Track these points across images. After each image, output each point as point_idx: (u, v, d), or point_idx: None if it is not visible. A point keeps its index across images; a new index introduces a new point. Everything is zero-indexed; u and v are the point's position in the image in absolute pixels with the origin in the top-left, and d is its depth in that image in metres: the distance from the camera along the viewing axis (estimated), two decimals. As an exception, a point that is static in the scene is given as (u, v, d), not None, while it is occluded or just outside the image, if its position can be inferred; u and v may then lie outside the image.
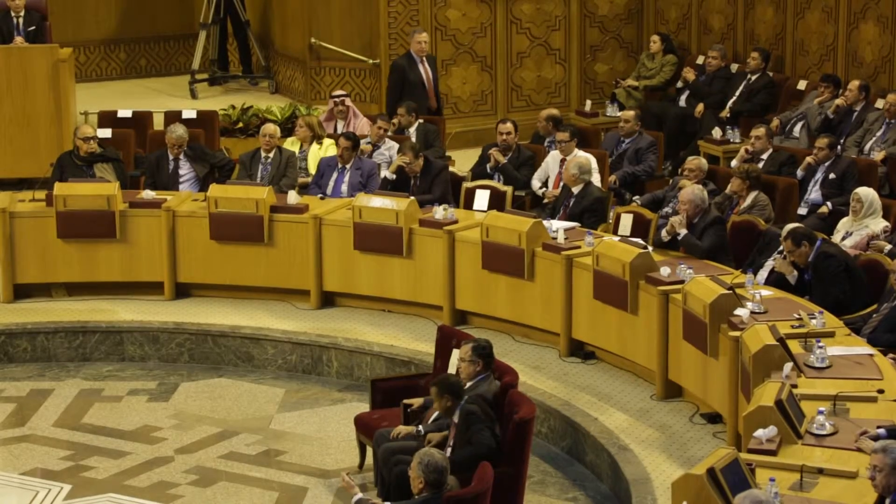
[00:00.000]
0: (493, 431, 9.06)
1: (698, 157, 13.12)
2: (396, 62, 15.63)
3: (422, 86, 15.39)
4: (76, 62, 17.23)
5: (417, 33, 15.55)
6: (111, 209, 12.61)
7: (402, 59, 15.59)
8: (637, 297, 10.97)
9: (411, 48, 15.51)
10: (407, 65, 15.41)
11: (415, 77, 15.37)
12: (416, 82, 15.37)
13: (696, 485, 7.49)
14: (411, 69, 15.38)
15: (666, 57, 16.52)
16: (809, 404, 8.60)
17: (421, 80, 15.39)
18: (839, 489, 7.70)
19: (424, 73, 15.42)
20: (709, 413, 10.42)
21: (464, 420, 9.07)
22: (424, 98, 15.34)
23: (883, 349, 9.69)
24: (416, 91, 15.29)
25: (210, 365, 12.17)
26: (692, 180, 12.49)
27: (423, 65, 15.43)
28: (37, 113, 14.85)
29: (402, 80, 15.37)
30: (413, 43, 15.50)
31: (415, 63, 15.41)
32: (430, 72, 15.47)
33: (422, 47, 15.42)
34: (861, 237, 11.54)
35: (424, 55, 15.46)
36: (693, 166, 12.76)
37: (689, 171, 12.73)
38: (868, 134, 13.85)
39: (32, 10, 15.75)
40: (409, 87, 15.33)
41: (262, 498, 9.95)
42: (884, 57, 14.79)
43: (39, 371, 12.06)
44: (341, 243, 12.52)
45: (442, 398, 9.15)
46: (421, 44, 15.42)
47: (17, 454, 10.60)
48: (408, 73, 15.36)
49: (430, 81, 15.46)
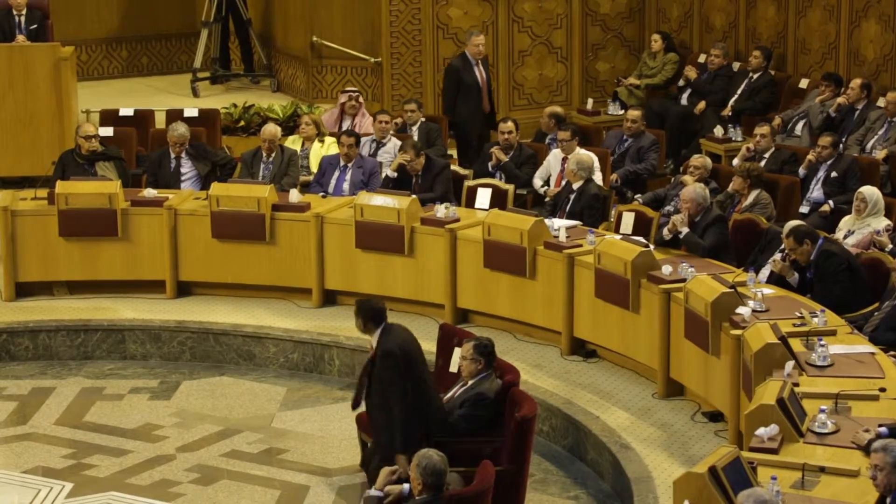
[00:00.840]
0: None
1: (703, 156, 13.12)
2: (452, 64, 15.40)
3: (476, 88, 15.19)
4: (78, 60, 17.24)
5: (475, 35, 15.26)
6: (113, 207, 12.61)
7: (457, 60, 15.34)
8: (639, 296, 10.96)
9: (467, 50, 15.25)
10: (462, 67, 15.17)
11: (470, 79, 15.15)
12: (471, 84, 15.15)
13: (697, 483, 7.48)
14: (466, 71, 15.15)
15: (667, 55, 16.51)
16: (811, 403, 8.59)
17: (476, 83, 15.18)
18: (841, 488, 7.69)
19: (479, 76, 15.21)
20: (710, 411, 10.41)
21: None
22: (479, 101, 15.19)
23: (884, 347, 9.69)
24: (470, 93, 15.12)
25: (212, 363, 12.17)
26: (696, 178, 12.51)
27: (478, 67, 15.21)
28: (39, 111, 14.85)
29: (458, 82, 15.17)
30: (469, 45, 15.23)
31: (470, 65, 15.17)
32: (484, 74, 15.27)
33: (479, 50, 15.18)
34: (863, 235, 11.53)
35: (481, 58, 15.23)
36: (698, 164, 12.78)
37: (693, 169, 12.74)
38: (870, 132, 13.85)
39: (34, 9, 15.76)
40: (463, 90, 15.14)
41: (264, 496, 9.95)
42: (885, 55, 14.79)
43: (41, 369, 12.06)
44: (343, 241, 12.52)
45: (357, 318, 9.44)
46: (478, 46, 15.16)
47: (18, 452, 10.61)
48: (463, 75, 15.14)
49: (484, 84, 15.28)
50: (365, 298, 9.90)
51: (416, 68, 16.66)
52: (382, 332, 9.42)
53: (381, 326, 9.43)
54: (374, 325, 9.45)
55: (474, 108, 14.90)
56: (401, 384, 9.27)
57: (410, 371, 9.32)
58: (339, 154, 13.47)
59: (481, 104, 15.23)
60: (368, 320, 9.45)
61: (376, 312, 9.46)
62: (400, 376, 9.27)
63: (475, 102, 15.12)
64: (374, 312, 9.45)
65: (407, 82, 16.64)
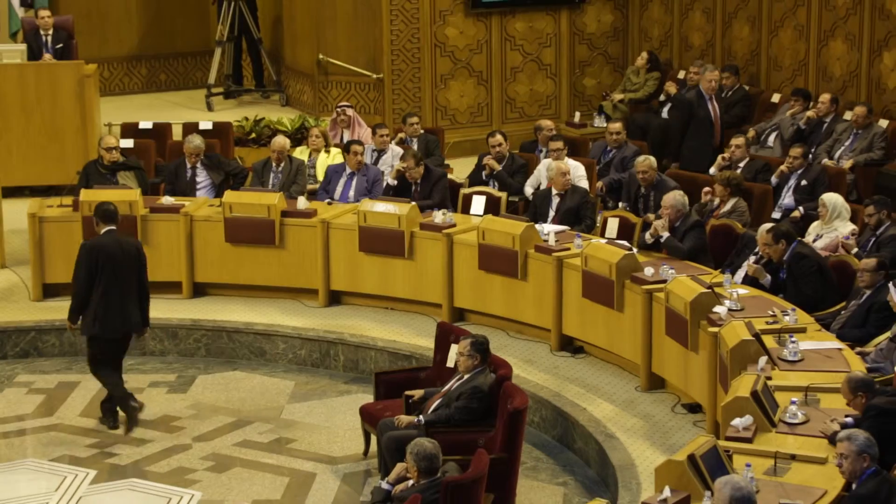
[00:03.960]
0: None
1: (648, 157, 13.09)
2: (684, 97, 14.64)
3: (709, 123, 14.31)
4: (101, 77, 17.23)
5: (709, 71, 14.50)
6: (133, 214, 12.60)
7: (690, 93, 14.60)
8: (623, 296, 10.97)
9: (701, 85, 14.47)
10: (696, 101, 14.37)
11: (703, 113, 14.30)
12: (703, 119, 14.30)
13: (677, 470, 7.50)
14: (700, 105, 14.32)
15: (650, 73, 16.52)
16: (783, 395, 8.61)
17: (709, 117, 14.32)
18: (810, 474, 7.71)
19: (713, 111, 14.36)
20: (689, 403, 10.42)
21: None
22: (710, 135, 14.25)
23: (851, 343, 9.70)
24: (701, 128, 14.28)
25: (225, 359, 12.17)
26: (646, 178, 12.61)
27: (711, 103, 14.36)
28: (64, 125, 14.85)
29: (689, 115, 14.33)
30: (703, 81, 14.45)
31: (704, 100, 14.34)
32: (717, 109, 14.38)
33: (712, 85, 14.34)
34: (831, 239, 11.54)
35: (713, 93, 14.37)
36: (645, 167, 12.77)
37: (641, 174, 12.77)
38: (837, 143, 13.86)
39: (60, 29, 15.78)
40: (695, 124, 14.29)
41: (274, 483, 9.95)
42: (851, 72, 14.80)
43: (67, 365, 12.05)
44: (347, 245, 12.52)
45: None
46: (711, 82, 14.35)
47: (45, 442, 10.61)
48: (696, 109, 14.31)
49: (717, 119, 14.36)
50: (102, 201, 10.96)
51: (415, 84, 16.67)
52: (105, 233, 10.62)
53: (108, 226, 10.59)
54: (103, 222, 10.58)
55: (703, 143, 13.98)
56: (80, 272, 10.49)
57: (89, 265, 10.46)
58: (343, 163, 13.46)
59: (712, 139, 14.22)
60: (97, 216, 10.61)
61: (102, 212, 10.63)
62: (81, 265, 10.48)
63: (706, 137, 14.18)
64: (101, 211, 10.65)
65: (407, 97, 16.65)
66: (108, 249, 10.49)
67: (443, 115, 16.71)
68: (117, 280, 10.49)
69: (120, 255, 10.52)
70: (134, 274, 10.60)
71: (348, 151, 13.41)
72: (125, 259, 10.55)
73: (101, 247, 10.52)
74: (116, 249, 10.53)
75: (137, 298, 10.64)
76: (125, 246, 10.62)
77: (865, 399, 8.10)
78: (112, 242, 10.56)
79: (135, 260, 10.62)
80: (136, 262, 10.63)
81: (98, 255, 10.47)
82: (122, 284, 10.52)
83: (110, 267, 10.48)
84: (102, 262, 10.45)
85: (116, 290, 10.49)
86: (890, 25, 14.39)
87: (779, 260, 10.79)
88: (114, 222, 10.65)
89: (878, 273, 10.14)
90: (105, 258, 10.46)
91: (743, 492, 6.78)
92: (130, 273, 10.58)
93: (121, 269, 10.51)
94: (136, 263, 10.63)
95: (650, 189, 12.73)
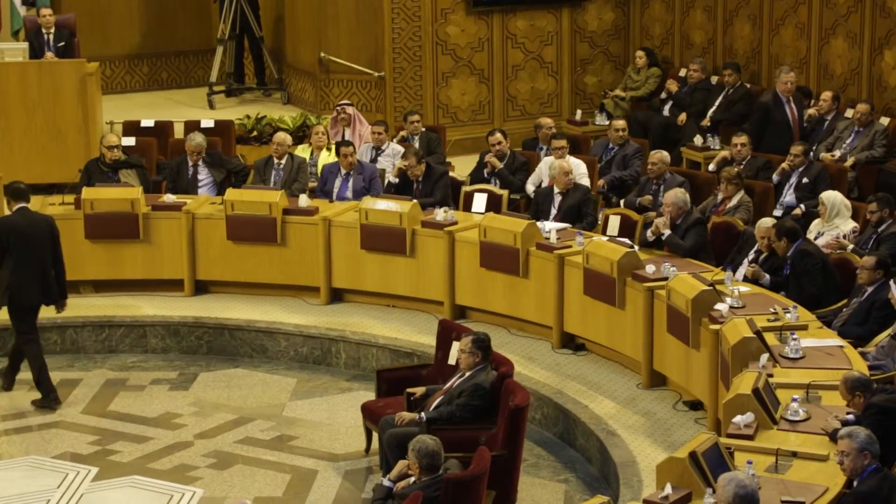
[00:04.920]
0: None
1: (660, 151, 13.13)
2: (761, 101, 14.24)
3: (786, 126, 13.94)
4: (102, 75, 17.21)
5: (784, 73, 14.05)
6: (135, 212, 12.61)
7: (767, 96, 14.21)
8: (624, 293, 10.96)
9: (777, 87, 14.06)
10: (773, 104, 14.01)
11: (780, 117, 13.95)
12: (781, 122, 13.94)
13: (678, 467, 7.49)
14: (777, 109, 13.97)
15: (650, 70, 16.50)
16: (784, 392, 8.60)
17: (786, 120, 13.94)
18: (812, 471, 7.70)
19: (790, 114, 13.97)
20: (691, 401, 10.41)
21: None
22: (788, 139, 13.65)
23: (852, 341, 9.69)
24: (779, 131, 13.89)
25: (227, 356, 12.16)
26: (655, 174, 12.68)
27: (789, 105, 13.98)
28: (66, 123, 14.82)
29: (766, 118, 13.97)
30: (779, 83, 14.02)
31: (781, 103, 13.97)
32: (795, 112, 13.97)
33: (787, 87, 13.94)
34: (832, 237, 11.53)
35: (790, 95, 14.00)
36: (655, 160, 12.81)
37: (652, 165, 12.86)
38: (838, 141, 13.84)
39: (62, 28, 15.75)
40: (773, 127, 13.94)
41: (276, 480, 9.95)
42: (852, 70, 14.78)
43: (69, 362, 12.05)
44: (349, 243, 12.51)
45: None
46: (787, 84, 13.93)
47: (48, 439, 10.60)
48: (773, 112, 13.96)
49: (795, 122, 13.96)
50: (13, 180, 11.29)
51: (416, 82, 16.65)
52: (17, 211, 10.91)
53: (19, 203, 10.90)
54: (14, 200, 10.93)
55: (781, 147, 13.38)
56: None
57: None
58: (338, 162, 13.44)
59: (790, 142, 13.43)
60: (8, 195, 10.96)
61: (13, 190, 10.97)
62: None
63: (784, 140, 13.59)
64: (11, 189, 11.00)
65: (408, 95, 16.63)
66: (17, 226, 10.90)
67: (444, 112, 16.69)
68: (30, 255, 10.89)
69: (30, 231, 10.92)
70: (48, 248, 11.00)
71: (338, 153, 13.39)
72: (36, 234, 10.94)
73: (10, 224, 10.94)
74: (26, 226, 10.91)
75: (54, 272, 11.04)
76: (36, 221, 11.02)
77: (864, 399, 8.09)
78: (22, 219, 10.95)
79: (47, 234, 11.02)
80: (48, 236, 11.02)
81: (8, 232, 10.87)
82: (34, 259, 10.91)
83: (21, 242, 10.86)
84: (14, 239, 10.85)
85: (28, 265, 10.88)
86: (891, 23, 14.36)
87: (782, 255, 10.78)
88: (25, 199, 11.05)
89: (877, 271, 10.13)
90: (16, 235, 10.86)
91: (747, 489, 6.78)
92: (43, 248, 10.97)
93: (32, 244, 10.90)
94: (48, 237, 11.02)
95: (660, 182, 12.75)
